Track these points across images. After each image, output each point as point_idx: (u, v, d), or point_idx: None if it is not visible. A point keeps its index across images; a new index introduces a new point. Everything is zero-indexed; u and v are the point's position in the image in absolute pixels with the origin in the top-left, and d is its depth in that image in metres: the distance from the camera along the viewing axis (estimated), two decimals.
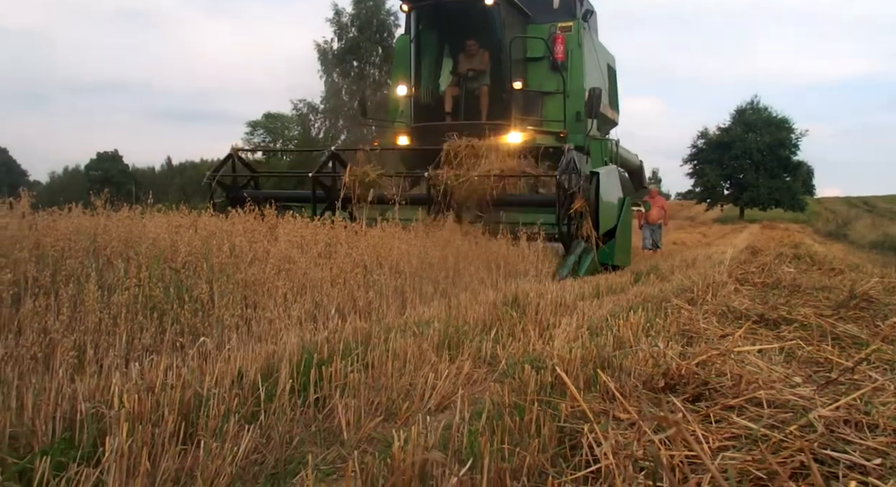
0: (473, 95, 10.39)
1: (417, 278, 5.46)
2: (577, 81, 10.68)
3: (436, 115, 10.54)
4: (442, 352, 3.30)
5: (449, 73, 10.87)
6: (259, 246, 4.98)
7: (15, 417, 2.07)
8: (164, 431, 2.02)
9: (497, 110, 10.18)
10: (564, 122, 10.41)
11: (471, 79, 10.46)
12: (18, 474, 1.79)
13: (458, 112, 10.46)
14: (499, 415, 2.29)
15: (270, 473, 2.04)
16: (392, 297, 4.90)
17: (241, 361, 2.72)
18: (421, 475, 1.76)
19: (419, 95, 10.86)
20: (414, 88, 10.87)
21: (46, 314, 3.05)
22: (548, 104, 10.79)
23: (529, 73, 10.80)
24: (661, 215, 15.95)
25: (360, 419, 2.45)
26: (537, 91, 10.77)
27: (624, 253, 10.36)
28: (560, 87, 10.53)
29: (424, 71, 10.91)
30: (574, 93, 10.57)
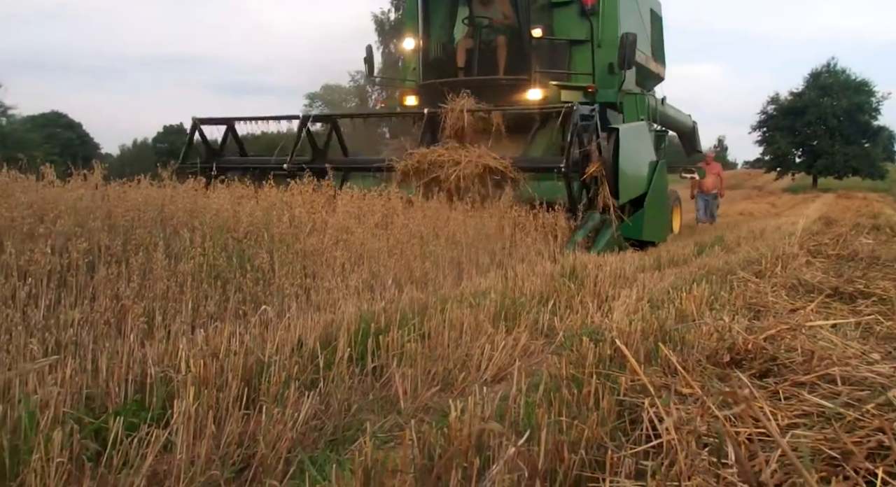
0: (489, 47, 9.01)
1: (474, 249, 5.44)
2: (610, 28, 9.14)
3: (447, 71, 9.17)
4: (498, 323, 3.29)
5: (462, 22, 9.36)
6: (318, 216, 5.05)
7: (91, 379, 2.17)
8: (227, 396, 2.09)
9: (516, 63, 8.79)
10: (594, 76, 9.07)
11: (486, 28, 9.08)
12: (94, 433, 1.88)
13: (472, 67, 9.07)
14: (556, 388, 2.26)
15: (329, 439, 2.08)
16: (448, 268, 4.90)
17: (300, 329, 2.77)
18: (478, 445, 1.76)
19: (428, 48, 9.56)
20: (422, 41, 9.49)
21: (118, 281, 3.18)
22: (576, 55, 9.35)
23: (555, 19, 9.48)
24: (716, 183, 14.48)
25: (416, 388, 2.47)
26: (564, 40, 9.38)
27: (657, 226, 9.05)
28: (590, 35, 9.13)
29: (435, 21, 9.55)
30: (606, 41, 9.08)
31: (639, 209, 8.37)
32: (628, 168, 7.87)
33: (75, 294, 3.07)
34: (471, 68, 9.09)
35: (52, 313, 2.81)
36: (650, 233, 8.68)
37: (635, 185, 8.28)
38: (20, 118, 36.72)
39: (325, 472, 1.76)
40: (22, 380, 2.06)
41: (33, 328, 2.62)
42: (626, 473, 1.63)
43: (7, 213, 3.53)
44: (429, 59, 9.56)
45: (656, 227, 9.09)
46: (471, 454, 1.70)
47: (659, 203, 9.21)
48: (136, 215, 4.09)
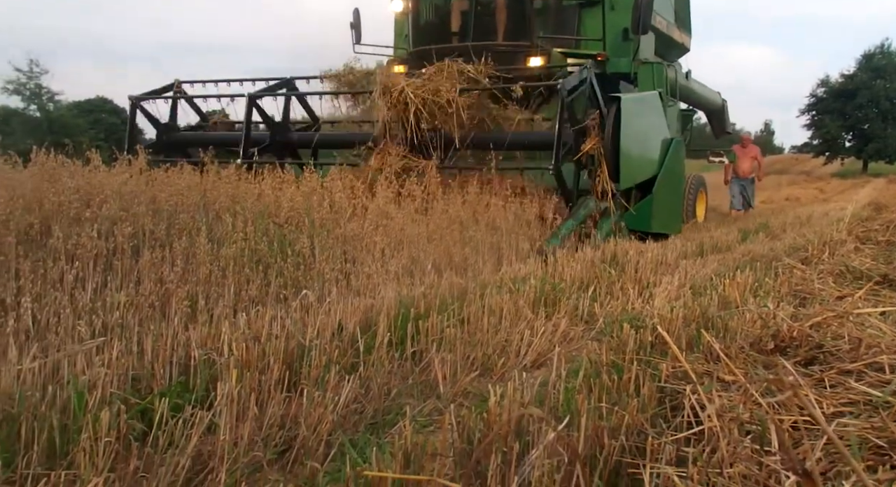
0: (487, 10, 7.92)
1: (513, 235, 5.40)
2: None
3: (439, 37, 8.06)
4: (538, 309, 3.27)
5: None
6: (357, 202, 5.07)
7: (136, 361, 2.23)
8: (269, 378, 2.12)
9: (516, 28, 7.72)
10: (604, 42, 7.92)
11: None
12: (140, 413, 1.93)
13: (467, 32, 7.90)
14: (596, 374, 2.24)
15: (369, 422, 2.09)
16: (488, 254, 4.88)
17: (340, 314, 2.79)
18: (517, 430, 1.75)
19: (419, 11, 8.45)
20: (412, 2, 8.38)
21: (162, 265, 3.25)
22: (586, 19, 8.20)
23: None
24: (753, 167, 12.67)
25: (456, 373, 2.47)
26: (573, 2, 8.25)
27: (669, 217, 7.72)
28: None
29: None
30: (619, 3, 7.96)
31: (647, 195, 7.21)
32: (632, 146, 6.58)
33: (121, 277, 3.15)
34: (466, 33, 7.94)
35: (98, 296, 2.89)
36: (660, 223, 7.41)
37: (641, 167, 7.05)
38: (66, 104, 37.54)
39: (366, 455, 1.77)
40: (70, 361, 2.13)
41: (81, 310, 2.70)
42: (666, 459, 1.61)
43: (55, 198, 3.63)
44: (420, 23, 8.50)
45: (668, 218, 7.73)
46: (510, 439, 1.69)
47: (672, 189, 7.84)
48: (179, 200, 4.16)
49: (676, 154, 7.91)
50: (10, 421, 1.78)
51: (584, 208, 6.07)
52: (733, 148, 12.98)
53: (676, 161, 7.97)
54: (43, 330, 2.52)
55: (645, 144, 7.18)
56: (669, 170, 7.63)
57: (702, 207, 10.55)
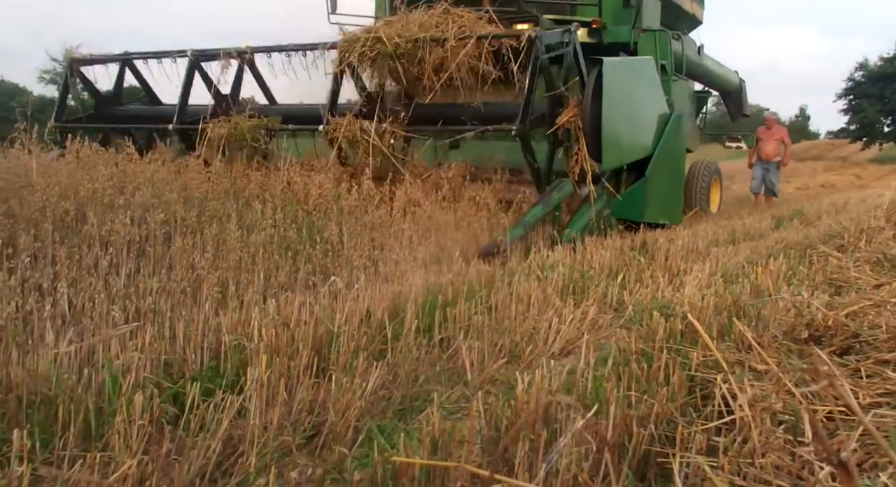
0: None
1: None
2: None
3: None
4: (566, 297, 3.25)
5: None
6: (385, 189, 5.08)
7: (169, 345, 2.26)
8: (298, 364, 2.14)
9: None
10: (600, 7, 7.09)
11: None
12: (173, 397, 1.96)
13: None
14: (625, 362, 2.22)
15: (397, 409, 2.10)
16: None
17: (368, 301, 2.80)
18: (545, 417, 1.74)
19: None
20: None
21: (193, 251, 3.30)
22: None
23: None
24: (778, 150, 11.50)
25: (483, 360, 2.47)
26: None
27: (666, 203, 6.71)
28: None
29: None
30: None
31: (637, 179, 6.23)
32: (618, 119, 5.64)
33: (153, 263, 3.20)
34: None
35: (131, 281, 2.94)
36: (656, 211, 6.43)
37: (630, 145, 6.11)
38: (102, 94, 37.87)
39: (393, 441, 1.78)
40: (105, 346, 2.17)
41: (115, 296, 2.75)
42: (696, 449, 1.59)
43: (90, 185, 3.70)
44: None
45: (665, 205, 6.68)
46: (538, 426, 1.68)
47: (671, 172, 6.76)
48: (209, 187, 4.21)
49: (676, 132, 6.80)
50: (47, 404, 1.83)
51: (557, 191, 5.08)
52: (757, 130, 11.88)
53: (676, 139, 6.88)
54: (78, 315, 2.57)
55: (635, 118, 6.18)
56: (667, 150, 6.54)
57: (716, 196, 9.57)
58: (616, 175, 6.04)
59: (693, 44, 9.08)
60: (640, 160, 6.25)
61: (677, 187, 7.25)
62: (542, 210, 4.98)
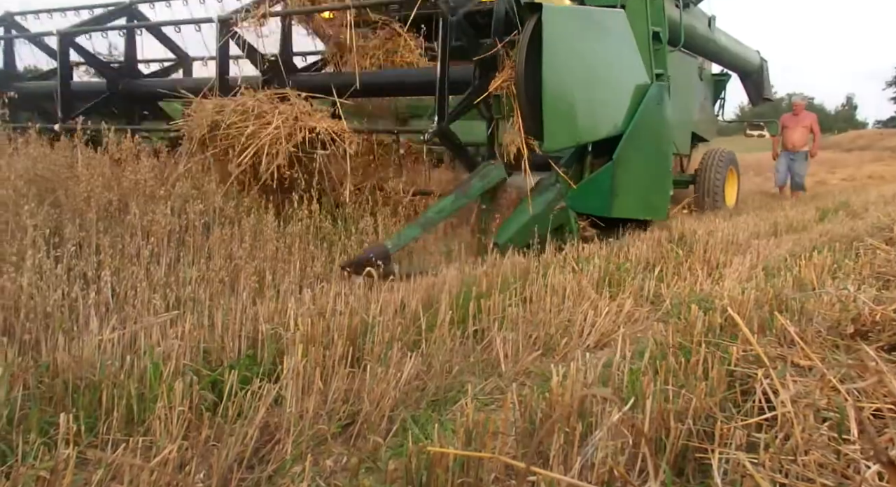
0: None
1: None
2: None
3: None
4: (602, 289, 3.21)
5: None
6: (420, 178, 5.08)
7: (208, 334, 2.30)
8: (333, 353, 2.15)
9: None
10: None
11: None
12: (211, 384, 1.99)
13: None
14: (662, 355, 2.18)
15: (431, 399, 2.11)
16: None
17: (403, 291, 2.81)
18: (580, 410, 1.73)
19: None
20: None
21: (231, 242, 3.35)
22: None
23: None
24: (806, 139, 10.28)
25: (517, 352, 2.46)
26: None
27: (645, 195, 5.43)
28: None
29: None
30: None
31: (605, 164, 5.00)
32: (565, 85, 4.37)
33: (193, 253, 3.26)
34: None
35: (172, 271, 3.00)
36: (628, 204, 5.14)
37: (589, 119, 4.70)
38: None
39: (427, 431, 1.79)
40: (147, 333, 2.22)
41: (156, 284, 2.81)
42: (736, 445, 1.56)
43: (132, 176, 3.79)
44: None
45: (643, 196, 5.39)
46: (573, 419, 1.67)
47: (650, 155, 5.41)
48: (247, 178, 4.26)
49: (657, 105, 5.42)
50: (92, 389, 1.88)
51: (479, 178, 4.08)
52: (782, 117, 10.65)
53: (657, 115, 5.45)
54: (121, 303, 2.64)
55: (596, 85, 4.79)
56: (644, 128, 5.22)
57: (732, 189, 8.50)
58: (578, 159, 5.02)
59: (702, 15, 7.91)
60: (612, 140, 4.97)
61: (660, 174, 5.69)
62: (452, 202, 3.89)
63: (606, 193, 4.94)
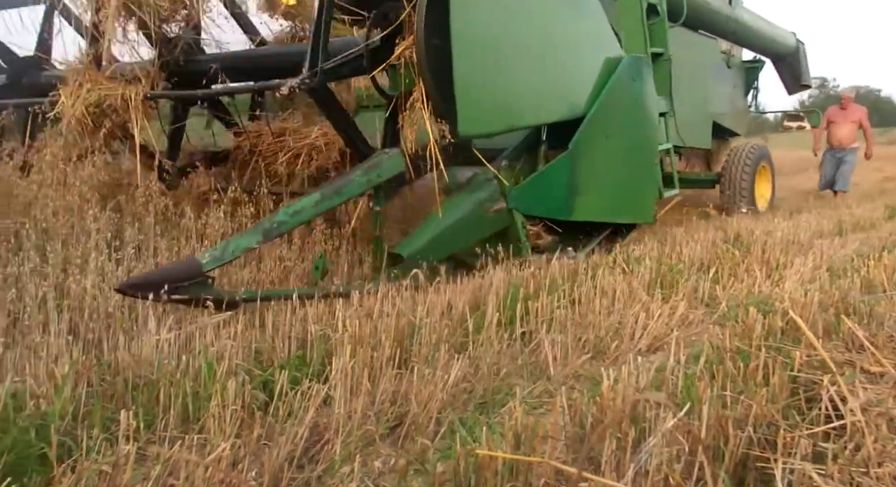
0: None
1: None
2: None
3: None
4: (654, 291, 3.13)
5: None
6: None
7: (259, 334, 2.34)
8: (381, 355, 2.16)
9: None
10: None
11: None
12: (263, 384, 2.02)
13: None
14: (719, 360, 2.11)
15: (479, 402, 2.09)
16: None
17: (450, 293, 2.80)
18: (633, 415, 1.68)
19: None
20: None
21: (281, 243, 3.40)
22: None
23: None
24: (853, 135, 8.94)
25: (566, 355, 2.42)
26: None
27: (617, 193, 4.36)
28: None
29: None
30: None
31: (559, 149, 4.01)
32: (486, 51, 3.45)
33: (244, 256, 3.32)
34: None
35: (224, 272, 3.06)
36: (593, 204, 4.12)
37: (523, 98, 3.72)
38: None
39: (475, 434, 1.77)
40: (201, 333, 2.26)
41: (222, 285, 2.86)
42: (801, 455, 1.48)
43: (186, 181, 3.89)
44: None
45: (616, 195, 4.35)
46: (625, 424, 1.62)
47: (624, 143, 4.33)
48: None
49: (632, 83, 4.37)
50: (150, 387, 1.93)
51: (364, 172, 3.19)
52: (828, 111, 9.23)
53: (631, 95, 4.39)
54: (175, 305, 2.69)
55: (536, 55, 3.78)
56: (614, 110, 4.19)
57: (764, 188, 7.42)
58: (529, 149, 4.11)
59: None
60: (572, 126, 3.99)
61: (642, 167, 4.53)
62: (315, 203, 3.01)
63: (563, 191, 3.97)
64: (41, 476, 1.54)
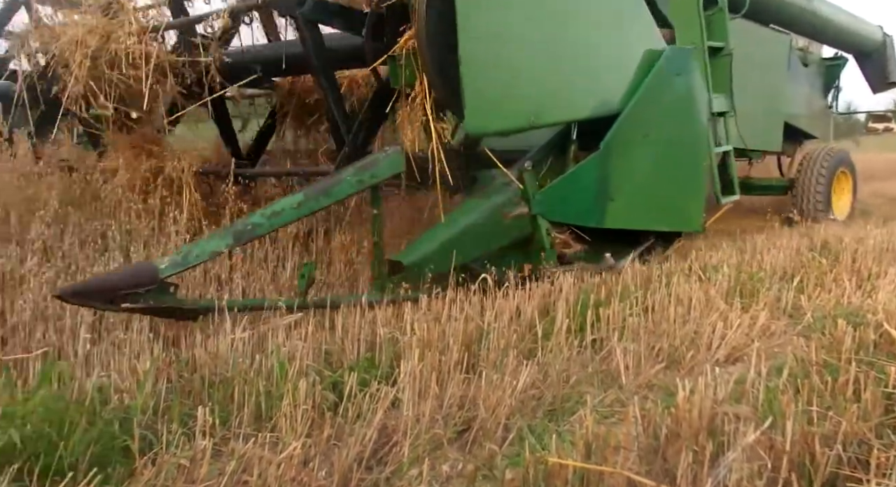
0: None
1: None
2: None
3: None
4: (732, 300, 3.01)
5: None
6: None
7: (329, 336, 2.38)
8: (449, 359, 2.15)
9: None
10: None
11: None
12: (332, 385, 2.05)
13: None
14: (804, 373, 2.00)
15: (547, 409, 2.05)
16: None
17: (518, 299, 2.77)
18: (710, 428, 1.61)
19: None
20: None
21: (351, 247, 3.45)
22: None
23: None
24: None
25: (639, 364, 2.35)
26: None
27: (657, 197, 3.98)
28: None
29: None
30: None
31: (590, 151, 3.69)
32: (496, 37, 3.16)
33: (315, 258, 3.39)
34: None
35: (296, 274, 3.13)
36: (628, 210, 3.79)
37: (547, 91, 3.42)
38: None
39: (544, 442, 1.73)
40: (273, 334, 2.32)
41: (281, 287, 2.94)
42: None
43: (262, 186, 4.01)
44: None
45: (655, 200, 3.97)
46: (702, 437, 1.56)
47: (664, 144, 3.95)
48: None
49: (676, 78, 4.04)
50: (225, 384, 1.99)
51: (357, 171, 2.87)
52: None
53: (675, 91, 4.06)
54: None
55: (562, 44, 3.46)
56: (653, 107, 3.87)
57: (843, 196, 6.87)
58: (556, 148, 3.81)
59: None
60: (606, 124, 3.69)
61: (686, 170, 4.15)
62: (298, 204, 2.73)
63: (592, 195, 3.64)
64: (124, 467, 1.60)
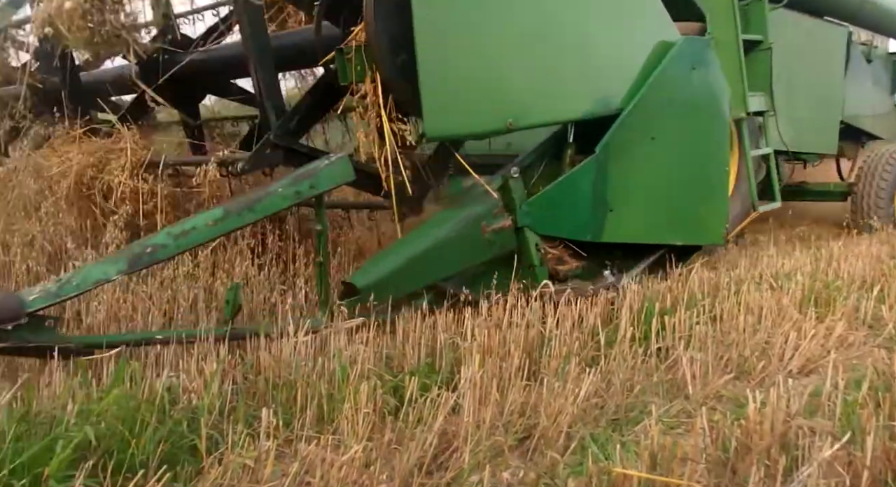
0: None
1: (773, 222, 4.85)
2: None
3: None
4: (807, 309, 2.88)
5: None
6: None
7: (390, 341, 2.40)
8: (510, 365, 2.13)
9: None
10: None
11: None
12: (393, 389, 2.06)
13: None
14: (885, 387, 1.90)
15: (611, 418, 2.01)
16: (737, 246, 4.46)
17: (581, 305, 2.73)
18: (783, 442, 1.54)
19: None
20: None
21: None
22: None
23: None
24: None
25: (706, 374, 2.28)
26: None
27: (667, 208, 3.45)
28: None
29: None
30: None
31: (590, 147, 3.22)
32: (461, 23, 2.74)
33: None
34: None
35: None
36: (630, 222, 3.33)
37: (531, 88, 2.96)
38: None
39: (608, 452, 1.70)
40: (336, 337, 2.35)
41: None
42: None
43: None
44: None
45: (664, 210, 3.47)
46: (774, 451, 1.50)
47: (675, 147, 3.45)
48: None
49: (689, 73, 3.49)
50: (288, 387, 2.03)
51: (293, 181, 2.53)
52: None
53: (689, 87, 3.51)
54: (313, 308, 2.83)
55: (548, 34, 3.00)
56: (661, 106, 3.35)
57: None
58: (550, 152, 3.40)
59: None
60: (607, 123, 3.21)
61: (703, 176, 3.61)
62: (215, 221, 2.38)
63: (588, 205, 3.20)
64: (192, 466, 1.66)
